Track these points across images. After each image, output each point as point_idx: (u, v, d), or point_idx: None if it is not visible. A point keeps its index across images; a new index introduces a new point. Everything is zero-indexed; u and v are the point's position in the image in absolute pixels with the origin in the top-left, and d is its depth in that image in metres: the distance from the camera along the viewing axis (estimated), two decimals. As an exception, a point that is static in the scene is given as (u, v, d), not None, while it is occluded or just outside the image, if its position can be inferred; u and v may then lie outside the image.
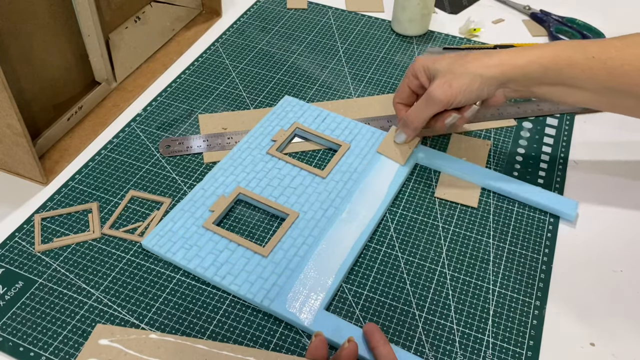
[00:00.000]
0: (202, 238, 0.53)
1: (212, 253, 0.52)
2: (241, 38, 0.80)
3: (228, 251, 0.53)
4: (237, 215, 0.57)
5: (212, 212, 0.55)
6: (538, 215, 0.58)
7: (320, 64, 0.76)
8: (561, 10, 0.85)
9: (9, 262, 0.52)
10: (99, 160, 0.62)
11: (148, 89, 0.72)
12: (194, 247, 0.53)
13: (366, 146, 0.63)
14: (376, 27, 0.83)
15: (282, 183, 0.59)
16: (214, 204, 0.56)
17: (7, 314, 0.49)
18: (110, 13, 0.70)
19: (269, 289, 0.50)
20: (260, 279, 0.50)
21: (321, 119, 0.66)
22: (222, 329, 0.48)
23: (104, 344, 0.42)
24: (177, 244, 0.53)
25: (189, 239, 0.53)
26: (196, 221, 0.55)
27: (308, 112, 0.67)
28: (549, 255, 0.54)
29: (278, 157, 0.61)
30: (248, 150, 0.62)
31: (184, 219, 0.55)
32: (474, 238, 0.56)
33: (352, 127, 0.65)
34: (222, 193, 0.57)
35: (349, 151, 0.62)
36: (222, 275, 0.51)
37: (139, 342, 0.42)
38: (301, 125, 0.65)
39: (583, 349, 0.48)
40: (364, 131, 0.65)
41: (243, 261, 0.52)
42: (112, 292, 0.50)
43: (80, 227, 0.55)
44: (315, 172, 0.60)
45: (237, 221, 0.56)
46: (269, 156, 0.61)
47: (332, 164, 0.60)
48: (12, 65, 0.57)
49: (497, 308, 0.50)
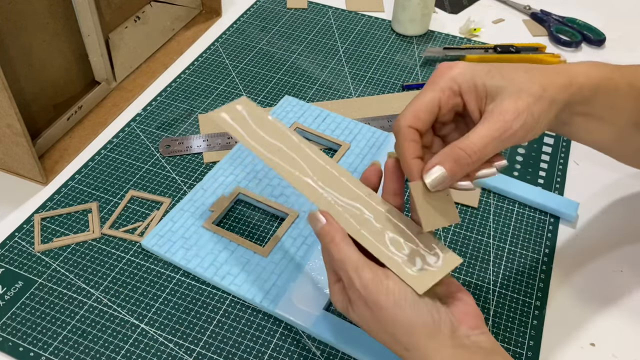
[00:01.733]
0: (202, 238, 0.53)
1: (211, 253, 0.52)
2: (241, 38, 0.80)
3: (228, 251, 0.52)
4: (236, 215, 0.57)
5: (212, 212, 0.55)
6: (538, 216, 0.58)
7: (321, 63, 0.76)
8: (561, 10, 0.85)
9: (9, 262, 0.52)
10: (98, 160, 0.62)
11: (148, 89, 0.72)
12: (194, 247, 0.53)
13: (366, 146, 0.63)
14: (376, 27, 0.83)
15: (282, 183, 0.59)
16: (214, 204, 0.56)
17: (7, 314, 0.48)
18: (110, 13, 0.70)
19: (268, 289, 0.50)
20: (260, 279, 0.50)
21: (321, 118, 0.66)
22: (222, 329, 0.48)
23: (239, 109, 0.48)
24: (177, 244, 0.53)
25: (188, 239, 0.53)
26: (196, 221, 0.55)
27: (308, 112, 0.67)
28: (549, 256, 0.54)
29: None
30: (247, 150, 0.62)
31: (183, 219, 0.55)
32: (474, 238, 0.56)
33: (352, 127, 0.65)
34: (222, 193, 0.57)
35: (349, 151, 0.62)
36: (222, 275, 0.51)
37: (263, 121, 0.47)
38: (301, 125, 0.65)
39: (583, 349, 0.48)
40: (364, 131, 0.65)
41: (243, 261, 0.52)
42: (111, 292, 0.50)
43: (80, 227, 0.55)
44: None
45: (237, 221, 0.56)
46: None
47: None
48: (12, 65, 0.57)
49: (498, 308, 0.50)
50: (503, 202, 0.59)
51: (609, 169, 0.63)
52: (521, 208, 0.58)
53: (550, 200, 0.58)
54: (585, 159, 0.64)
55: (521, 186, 0.59)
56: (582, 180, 0.62)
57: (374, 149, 0.63)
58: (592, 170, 0.63)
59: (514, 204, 0.59)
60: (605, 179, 0.62)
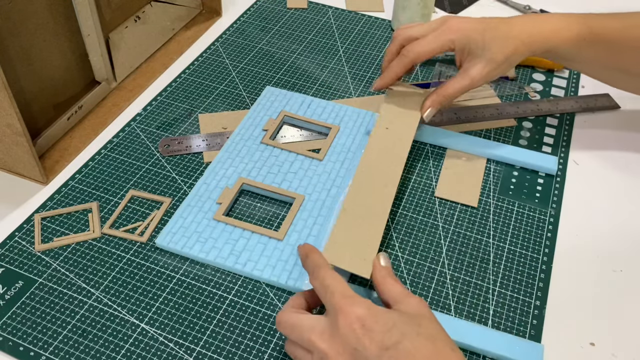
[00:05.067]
0: (216, 230, 0.54)
1: (228, 243, 0.53)
2: (241, 38, 0.80)
3: (244, 239, 0.53)
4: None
5: (220, 204, 0.56)
6: (538, 215, 0.58)
7: (320, 63, 0.76)
8: (562, 10, 0.85)
9: (9, 262, 0.52)
10: (99, 159, 0.62)
11: (148, 89, 0.72)
12: (210, 240, 0.53)
13: (354, 126, 0.65)
14: (376, 27, 0.83)
15: (282, 169, 0.60)
16: (220, 196, 0.57)
17: (7, 314, 0.49)
18: (110, 12, 0.70)
19: (290, 269, 0.51)
20: (280, 261, 0.52)
21: (306, 105, 0.68)
22: (222, 329, 0.48)
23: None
24: (192, 238, 0.54)
25: (202, 232, 0.54)
26: (206, 215, 0.55)
27: (292, 99, 0.69)
28: (549, 255, 0.54)
29: (273, 145, 0.63)
30: (242, 142, 0.63)
31: (193, 214, 0.56)
32: (474, 238, 0.56)
33: (337, 109, 0.67)
34: (226, 185, 0.58)
35: (339, 132, 0.64)
36: (243, 262, 0.52)
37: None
38: (289, 112, 0.66)
39: (583, 349, 0.48)
40: (350, 112, 0.67)
41: (260, 247, 0.53)
42: (112, 292, 0.50)
43: (80, 227, 0.55)
44: (312, 156, 0.61)
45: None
46: (263, 145, 0.63)
47: (326, 146, 0.62)
48: (12, 64, 0.57)
49: (497, 308, 0.50)
50: (503, 201, 0.59)
51: (609, 168, 0.63)
52: (521, 208, 0.58)
53: (531, 158, 0.62)
54: (585, 159, 0.64)
55: (501, 148, 0.63)
56: (582, 180, 0.62)
57: (362, 127, 0.65)
58: (592, 170, 0.63)
59: (513, 204, 0.59)
60: (605, 178, 0.62)
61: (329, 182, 0.59)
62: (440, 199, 0.59)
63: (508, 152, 0.63)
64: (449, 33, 0.58)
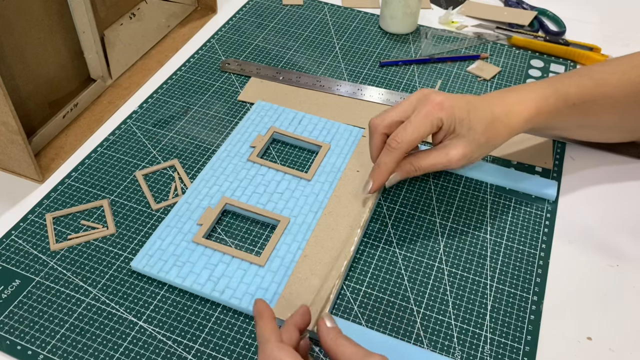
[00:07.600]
0: (194, 253, 0.52)
1: (206, 268, 0.51)
2: (237, 34, 0.80)
3: (223, 264, 0.51)
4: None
5: (201, 226, 0.54)
6: (535, 211, 0.58)
7: (317, 60, 0.76)
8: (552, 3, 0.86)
9: (6, 261, 0.52)
10: (95, 157, 0.62)
11: (144, 86, 0.72)
12: (187, 264, 0.51)
13: (346, 145, 0.62)
14: (372, 24, 0.83)
15: (267, 189, 0.57)
16: (202, 217, 0.54)
17: (4, 313, 0.48)
18: (105, 10, 0.70)
19: (270, 298, 0.49)
20: (260, 289, 0.49)
21: (297, 121, 0.65)
22: (220, 326, 0.48)
23: None
24: (169, 262, 0.51)
25: (180, 255, 0.51)
26: (185, 236, 0.53)
27: (283, 115, 0.66)
28: (546, 250, 0.55)
29: (260, 163, 0.60)
30: (228, 158, 0.60)
31: (171, 235, 0.53)
32: (471, 234, 0.56)
33: (329, 127, 0.64)
34: (208, 205, 0.56)
35: (330, 151, 0.62)
36: (221, 289, 0.49)
37: None
38: (278, 129, 0.63)
39: (580, 343, 0.48)
40: (342, 130, 0.64)
41: (240, 273, 0.50)
42: (109, 290, 0.50)
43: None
44: (300, 175, 0.59)
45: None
46: (250, 163, 0.60)
47: (315, 165, 0.60)
48: (7, 62, 0.57)
49: (495, 303, 0.50)
50: (500, 197, 0.59)
51: (605, 164, 0.63)
52: (518, 203, 0.59)
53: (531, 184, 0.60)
54: (582, 154, 0.65)
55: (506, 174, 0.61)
56: (578, 176, 0.62)
57: (354, 147, 0.62)
58: (588, 166, 0.63)
59: (510, 200, 0.59)
60: (602, 174, 0.63)
61: (316, 204, 0.56)
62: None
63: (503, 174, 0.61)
64: (437, 111, 0.51)
